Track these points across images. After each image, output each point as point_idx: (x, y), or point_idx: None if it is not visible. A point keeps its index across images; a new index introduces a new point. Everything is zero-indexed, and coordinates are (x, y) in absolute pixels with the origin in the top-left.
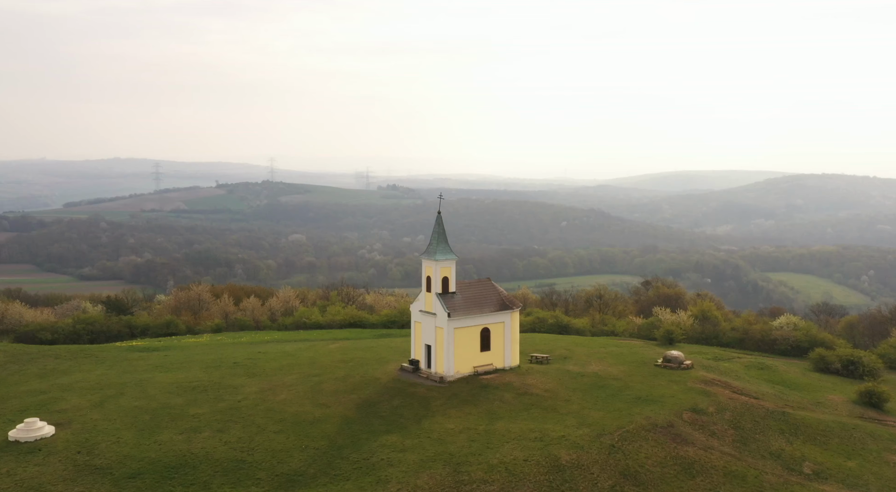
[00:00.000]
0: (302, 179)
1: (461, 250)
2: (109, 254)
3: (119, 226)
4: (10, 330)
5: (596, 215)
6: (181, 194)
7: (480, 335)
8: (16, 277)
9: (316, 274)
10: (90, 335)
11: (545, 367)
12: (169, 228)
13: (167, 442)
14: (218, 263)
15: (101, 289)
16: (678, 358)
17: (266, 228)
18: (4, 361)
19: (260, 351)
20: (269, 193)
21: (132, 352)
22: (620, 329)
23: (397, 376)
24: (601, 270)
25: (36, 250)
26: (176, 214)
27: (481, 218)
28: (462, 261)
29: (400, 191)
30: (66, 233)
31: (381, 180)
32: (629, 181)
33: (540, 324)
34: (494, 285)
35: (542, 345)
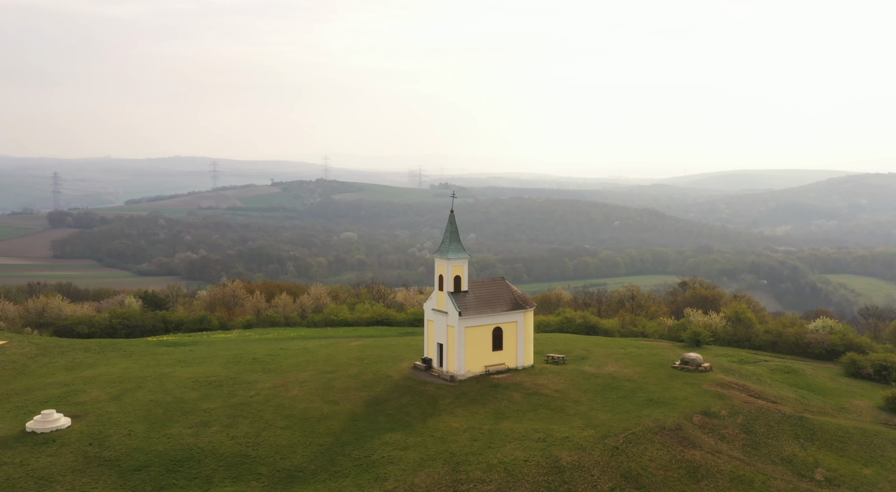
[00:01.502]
0: (356, 177)
1: (512, 249)
2: (166, 250)
3: (177, 223)
4: (50, 323)
5: (649, 215)
6: (237, 192)
7: (492, 335)
8: (77, 272)
9: (366, 271)
10: (126, 330)
11: (560, 367)
12: (224, 226)
13: (176, 436)
14: (270, 260)
15: (156, 284)
16: (696, 360)
17: (319, 226)
18: (36, 353)
19: (281, 347)
20: (322, 191)
21: (160, 347)
22: (650, 330)
23: (409, 375)
24: (653, 271)
25: (97, 246)
26: (232, 212)
27: (533, 217)
28: (511, 260)
29: (452, 189)
30: (126, 229)
31: (434, 179)
32: (685, 180)
33: (568, 324)
34: (508, 285)
35: (562, 345)
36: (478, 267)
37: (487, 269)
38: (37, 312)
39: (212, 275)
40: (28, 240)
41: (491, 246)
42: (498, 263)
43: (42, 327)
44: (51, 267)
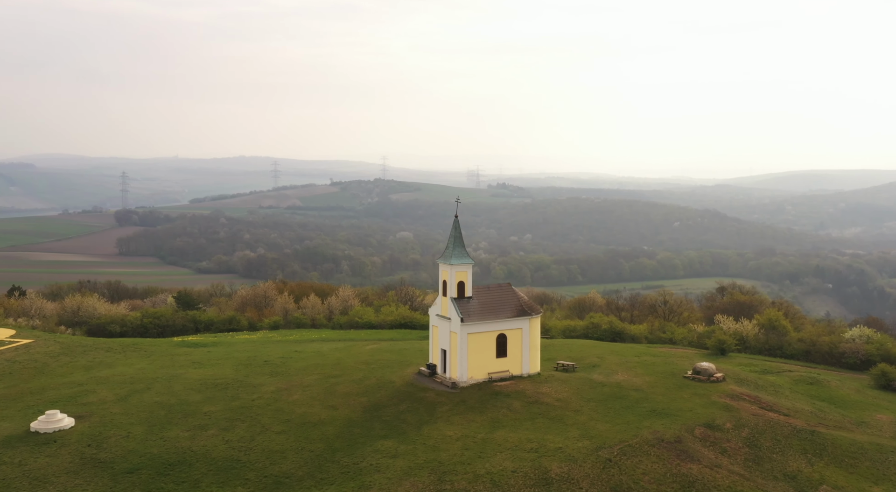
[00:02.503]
0: (414, 177)
1: (568, 250)
2: (226, 248)
3: (237, 222)
4: (84, 322)
5: (710, 216)
6: (297, 191)
7: (496, 341)
8: (139, 269)
9: (419, 271)
10: (157, 329)
11: (568, 375)
12: (283, 225)
13: (172, 438)
14: (325, 259)
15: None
16: (708, 370)
17: (375, 226)
18: (59, 352)
19: (296, 350)
20: (380, 190)
21: (180, 347)
22: (679, 337)
23: (412, 381)
24: (712, 273)
25: (160, 244)
26: (291, 211)
27: (590, 217)
28: (566, 261)
29: (509, 189)
30: (188, 228)
31: (493, 179)
32: (751, 181)
33: (593, 329)
34: (514, 291)
35: (577, 352)
36: (532, 268)
37: (542, 269)
38: (72, 310)
39: (268, 273)
40: (96, 237)
41: (547, 247)
42: (552, 264)
43: (76, 326)
44: (115, 264)
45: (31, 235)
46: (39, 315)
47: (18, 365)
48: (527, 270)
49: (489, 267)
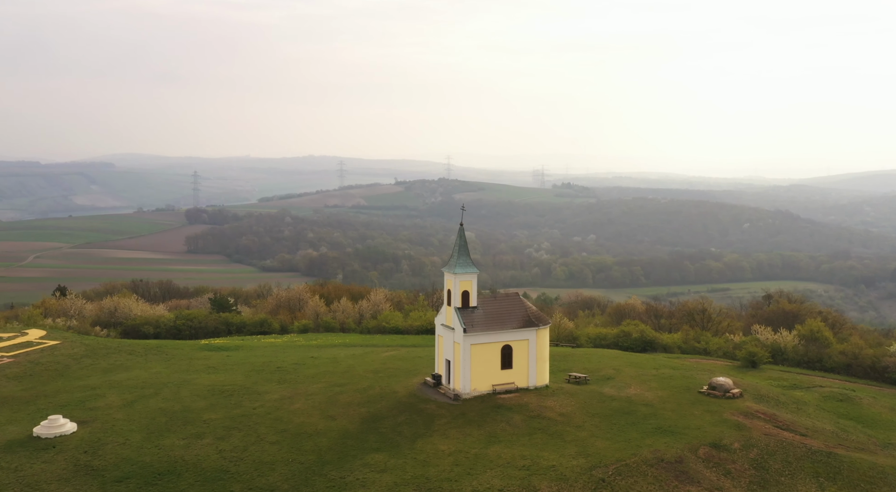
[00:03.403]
0: (479, 176)
1: (632, 251)
2: (290, 247)
3: (302, 220)
4: (119, 323)
5: (782, 217)
6: (362, 191)
7: (501, 353)
8: (205, 266)
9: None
10: (189, 331)
11: (578, 388)
12: (346, 224)
13: (167, 447)
14: (385, 259)
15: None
16: (724, 385)
17: (438, 225)
18: (81, 354)
19: (313, 356)
20: (444, 190)
21: (202, 351)
22: (713, 347)
23: (415, 391)
24: (782, 276)
25: (227, 242)
26: (355, 210)
27: (656, 218)
28: (629, 262)
29: (574, 189)
30: (254, 226)
31: (559, 178)
32: (827, 181)
33: (624, 338)
34: (522, 301)
35: (595, 362)
36: (594, 269)
37: (603, 271)
38: (109, 311)
39: (329, 272)
40: (166, 235)
41: (610, 248)
42: (615, 266)
43: (112, 326)
44: (182, 261)
45: (105, 232)
46: (78, 315)
47: (40, 367)
48: (588, 272)
49: (550, 268)
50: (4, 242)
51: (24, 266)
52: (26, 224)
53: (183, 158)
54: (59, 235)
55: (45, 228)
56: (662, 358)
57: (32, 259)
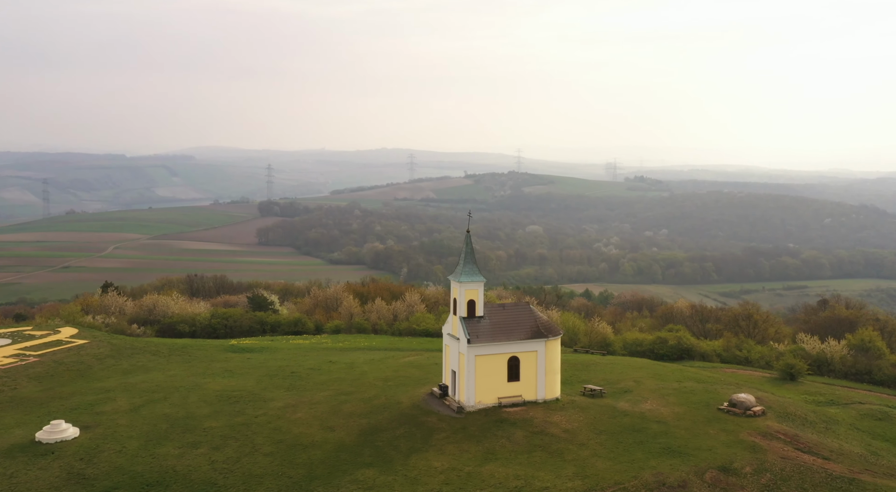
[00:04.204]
0: (550, 169)
1: (705, 247)
2: (357, 240)
3: (370, 213)
4: (157, 321)
5: (867, 212)
6: (432, 184)
7: (508, 364)
8: (273, 258)
9: (545, 266)
10: (224, 329)
11: (591, 401)
12: (414, 217)
13: (161, 456)
14: (450, 253)
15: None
16: (745, 403)
17: (505, 219)
18: (106, 354)
19: (331, 360)
20: (513, 183)
21: (226, 352)
22: (755, 357)
23: (420, 402)
24: (864, 274)
25: (297, 235)
26: (424, 203)
27: (732, 212)
28: (700, 258)
29: (647, 182)
30: (323, 219)
31: (633, 171)
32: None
33: (660, 345)
34: (532, 310)
35: (617, 373)
36: (663, 265)
37: (673, 266)
38: (148, 309)
39: (394, 266)
40: (239, 227)
41: (682, 243)
42: (686, 262)
43: (149, 324)
44: (252, 253)
45: (181, 224)
46: (118, 313)
47: (63, 367)
48: (657, 267)
49: (618, 263)
50: (87, 233)
51: (103, 256)
52: (109, 215)
53: (261, 151)
54: (138, 226)
55: (125, 219)
56: (694, 369)
57: (112, 250)
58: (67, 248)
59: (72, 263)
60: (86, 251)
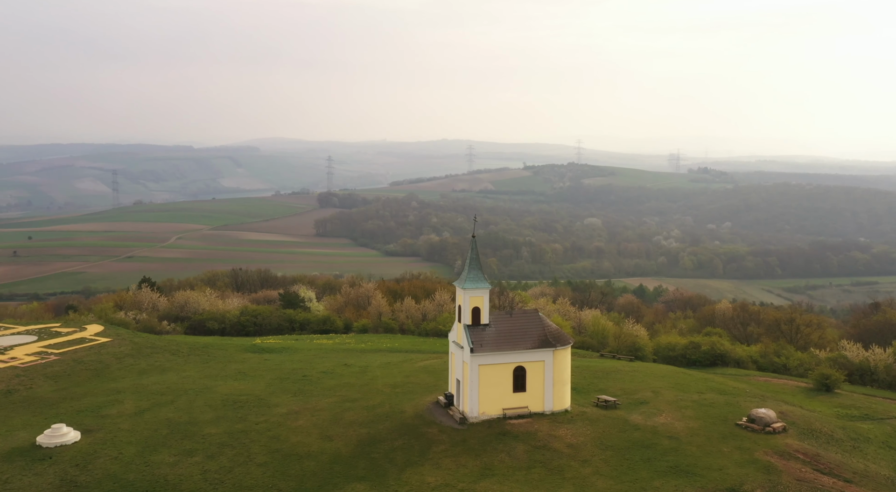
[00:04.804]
0: (612, 160)
1: (770, 241)
2: (413, 232)
3: (427, 205)
4: (187, 317)
5: None
6: (491, 175)
7: (513, 374)
8: (330, 249)
9: (602, 260)
10: (253, 327)
11: (603, 413)
12: (471, 209)
13: (155, 463)
14: (505, 245)
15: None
16: (764, 418)
17: (564, 211)
18: (126, 353)
19: (346, 363)
20: (573, 175)
21: (246, 352)
22: (794, 364)
23: (423, 412)
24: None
25: (354, 226)
26: (482, 195)
27: (799, 205)
28: (763, 252)
29: (711, 174)
30: (380, 211)
31: (698, 162)
32: None
33: (693, 350)
34: (540, 318)
35: (636, 382)
36: (724, 259)
37: (735, 260)
38: (179, 305)
39: (448, 258)
40: (298, 218)
41: (746, 236)
42: (748, 256)
43: (179, 321)
44: (309, 244)
45: (242, 214)
46: (150, 309)
47: (81, 366)
48: (718, 262)
49: (677, 257)
50: (153, 224)
51: (165, 246)
52: (174, 206)
53: (323, 142)
54: (201, 217)
55: (189, 210)
56: (722, 377)
57: (174, 240)
58: (133, 238)
59: (136, 253)
60: (150, 241)
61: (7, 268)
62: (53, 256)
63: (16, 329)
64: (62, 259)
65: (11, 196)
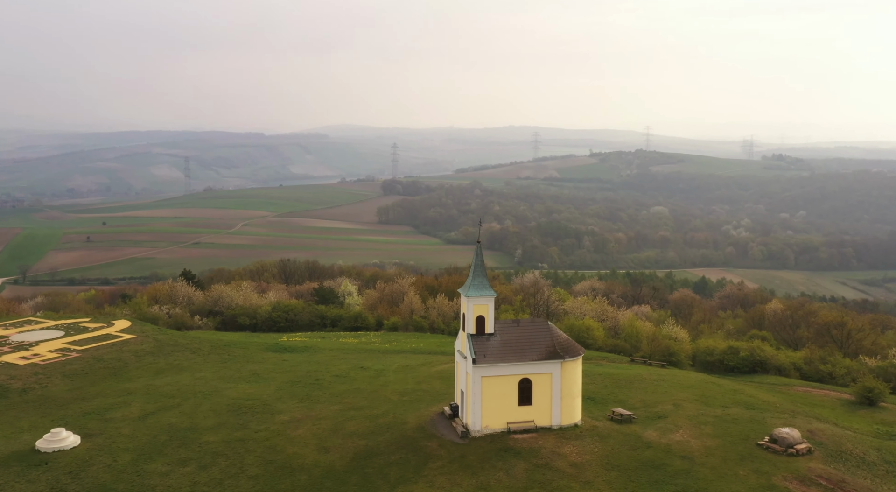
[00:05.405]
0: (682, 146)
1: (847, 231)
2: (475, 220)
3: (490, 193)
4: (220, 312)
5: None
6: (556, 163)
7: (518, 387)
8: (391, 237)
9: (667, 250)
10: (285, 322)
11: (615, 428)
12: (535, 197)
13: (147, 473)
14: (567, 234)
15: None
16: (787, 439)
17: (630, 199)
18: (147, 351)
19: (362, 366)
20: (640, 162)
21: (265, 352)
22: (840, 372)
23: (426, 423)
24: None
25: (416, 214)
26: (547, 182)
27: (880, 194)
28: (838, 243)
29: (786, 161)
30: (443, 198)
31: (773, 149)
32: None
33: (731, 355)
34: (549, 328)
35: (659, 393)
36: (796, 250)
37: (808, 251)
38: (213, 299)
39: (508, 247)
40: (361, 206)
41: (821, 225)
42: (822, 247)
43: (212, 315)
44: (371, 232)
45: (307, 202)
46: (184, 303)
47: (100, 364)
48: (789, 252)
49: (746, 247)
50: (221, 210)
51: (231, 233)
52: (242, 193)
53: (391, 129)
54: (267, 203)
55: (256, 196)
56: (756, 387)
57: (241, 227)
58: (201, 224)
59: (202, 240)
60: (217, 227)
61: (80, 253)
62: (124, 242)
63: (46, 324)
64: (132, 245)
65: (92, 182)
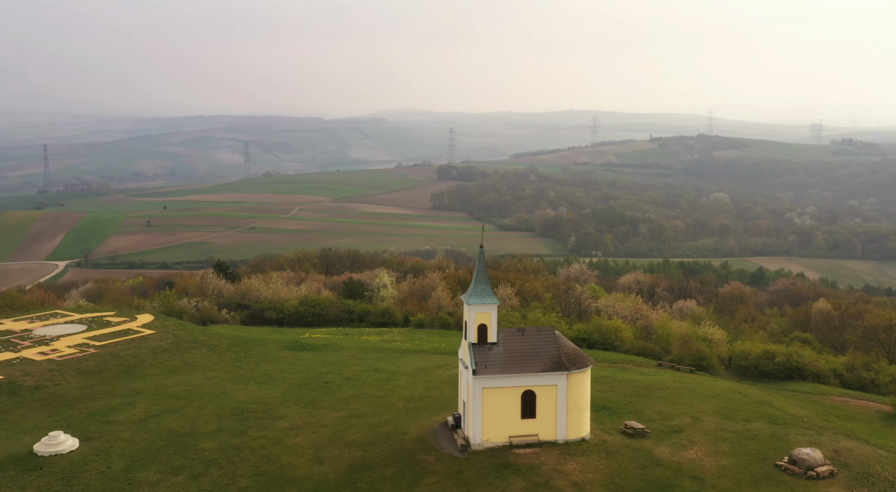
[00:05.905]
0: (745, 131)
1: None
2: (529, 206)
3: (546, 178)
4: (247, 306)
5: None
6: (615, 148)
7: (521, 399)
8: (444, 223)
9: (726, 238)
10: (312, 317)
11: (626, 444)
12: (591, 183)
13: (138, 482)
14: (622, 221)
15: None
16: (808, 460)
17: (689, 185)
18: (164, 348)
19: (376, 368)
20: (702, 147)
21: (282, 350)
22: (884, 380)
23: (426, 435)
24: None
25: (470, 199)
26: (605, 168)
27: None
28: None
29: (856, 146)
30: (497, 184)
31: (843, 132)
32: None
33: (766, 361)
34: (556, 337)
35: (679, 404)
36: (863, 239)
37: (876, 240)
38: (242, 293)
39: (562, 234)
40: (416, 191)
41: (892, 213)
42: (892, 235)
43: (240, 309)
44: (424, 218)
45: (362, 187)
46: (214, 296)
47: (116, 361)
48: (856, 241)
49: (810, 236)
50: (278, 195)
51: (286, 218)
52: (299, 177)
53: (448, 114)
54: (324, 188)
55: (313, 181)
56: (787, 398)
57: (296, 212)
58: (258, 208)
59: (258, 225)
60: (273, 212)
61: (140, 237)
62: (183, 226)
63: (71, 317)
64: (190, 229)
65: (157, 166)
